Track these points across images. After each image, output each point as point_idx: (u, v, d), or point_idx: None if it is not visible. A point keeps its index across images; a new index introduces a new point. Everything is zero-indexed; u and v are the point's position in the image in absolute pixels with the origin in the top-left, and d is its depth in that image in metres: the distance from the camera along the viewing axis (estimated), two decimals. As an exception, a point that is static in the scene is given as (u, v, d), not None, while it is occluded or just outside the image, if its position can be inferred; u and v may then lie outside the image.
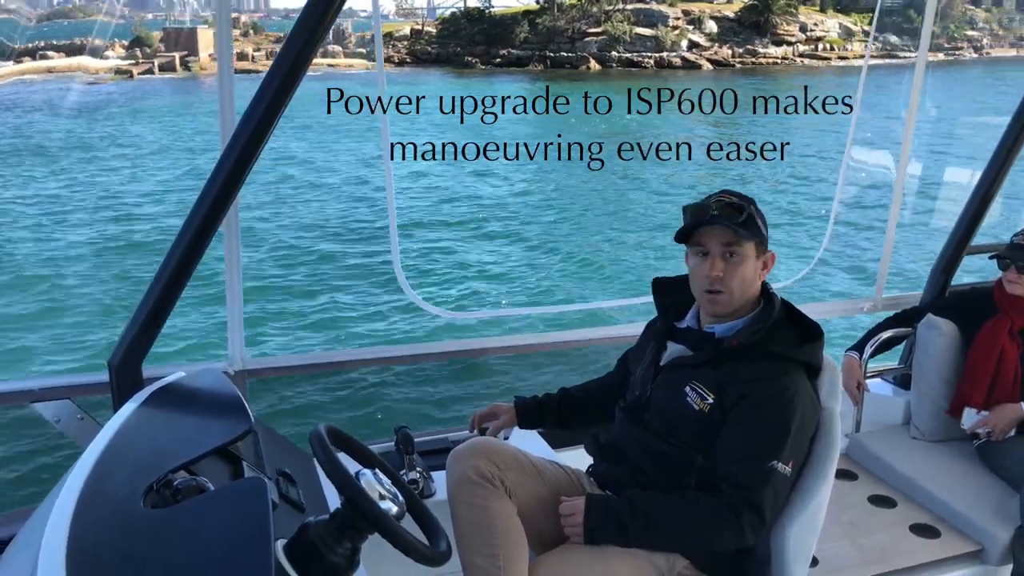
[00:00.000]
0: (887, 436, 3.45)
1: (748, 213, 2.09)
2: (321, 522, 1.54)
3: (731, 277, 2.11)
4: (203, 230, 2.24)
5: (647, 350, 2.34)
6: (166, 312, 2.35)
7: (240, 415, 1.85)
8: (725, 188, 2.21)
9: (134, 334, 2.35)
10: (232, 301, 2.91)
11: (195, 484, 1.56)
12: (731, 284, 2.12)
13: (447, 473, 2.16)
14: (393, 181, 3.18)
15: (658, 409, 2.19)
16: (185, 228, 2.25)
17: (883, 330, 3.50)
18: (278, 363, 3.21)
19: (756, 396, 2.05)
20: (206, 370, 2.25)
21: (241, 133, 2.16)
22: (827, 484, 2.15)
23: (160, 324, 2.36)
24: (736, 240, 2.09)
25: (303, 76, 2.15)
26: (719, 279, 2.11)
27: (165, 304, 2.32)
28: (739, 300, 2.15)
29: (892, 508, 3.08)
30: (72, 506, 1.47)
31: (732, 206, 2.10)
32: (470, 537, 2.05)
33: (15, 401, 2.86)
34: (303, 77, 2.15)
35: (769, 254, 2.17)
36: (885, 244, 4.20)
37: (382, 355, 3.51)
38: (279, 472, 1.90)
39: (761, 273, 2.16)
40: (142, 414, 1.89)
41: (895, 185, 4.16)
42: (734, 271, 2.11)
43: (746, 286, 2.14)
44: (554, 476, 2.29)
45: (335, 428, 1.77)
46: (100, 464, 1.62)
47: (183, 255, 2.26)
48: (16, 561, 1.60)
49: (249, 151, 2.17)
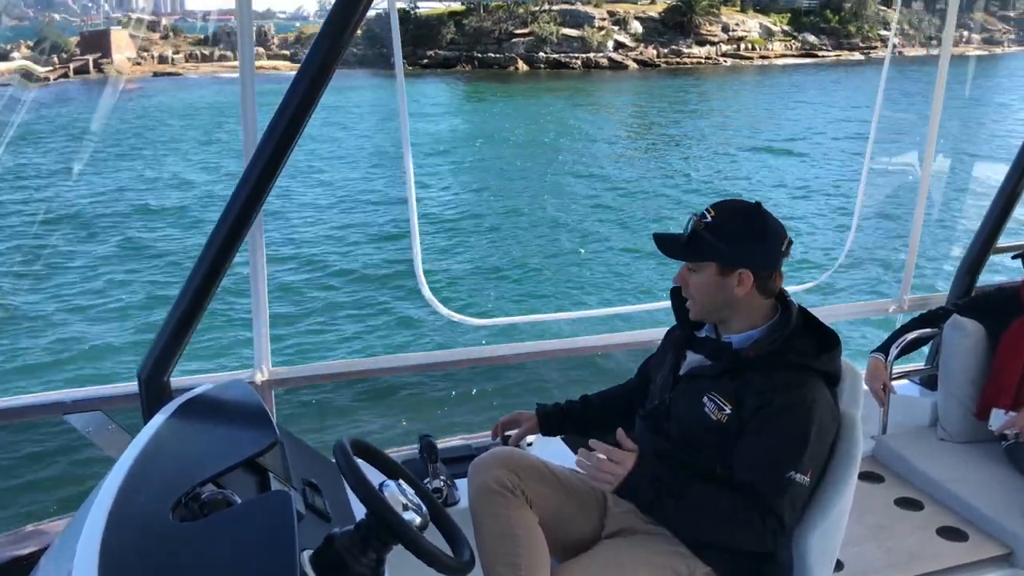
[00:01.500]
0: (914, 438, 3.42)
1: (695, 234, 2.12)
2: (346, 533, 1.56)
3: (693, 287, 2.17)
4: (229, 242, 2.27)
5: (667, 358, 2.34)
6: (193, 324, 2.39)
7: (266, 427, 1.88)
8: (719, 200, 2.21)
9: (162, 347, 2.40)
10: (257, 312, 2.95)
11: (222, 497, 1.58)
12: (692, 293, 2.18)
13: (468, 483, 2.18)
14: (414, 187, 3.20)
15: (676, 419, 2.20)
16: (211, 240, 2.28)
17: (909, 331, 3.47)
18: (303, 372, 3.24)
19: (774, 406, 2.04)
20: (233, 381, 2.27)
21: (266, 145, 2.17)
22: (849, 489, 2.14)
23: (187, 336, 2.40)
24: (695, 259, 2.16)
25: (327, 84, 2.16)
26: (684, 287, 2.20)
27: (192, 317, 2.36)
28: (710, 308, 2.18)
29: (919, 511, 3.05)
30: (104, 519, 1.50)
31: (690, 226, 2.14)
32: (492, 547, 2.06)
33: (49, 413, 2.91)
34: (327, 86, 2.17)
35: (741, 273, 2.11)
36: (910, 245, 4.17)
37: (407, 363, 3.53)
38: (305, 482, 1.92)
39: (736, 289, 2.12)
40: (170, 426, 1.92)
41: (920, 185, 4.13)
42: (694, 283, 2.17)
43: (710, 297, 2.15)
44: (576, 484, 2.30)
45: (359, 439, 1.79)
46: (130, 477, 1.65)
47: (209, 268, 2.29)
48: (52, 569, 1.63)
49: (274, 162, 2.19)
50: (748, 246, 2.11)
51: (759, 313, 2.17)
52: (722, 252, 2.10)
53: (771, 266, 2.13)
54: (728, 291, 2.13)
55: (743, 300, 2.14)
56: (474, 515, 2.13)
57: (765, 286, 2.14)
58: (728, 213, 2.14)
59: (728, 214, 2.14)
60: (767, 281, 2.13)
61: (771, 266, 2.13)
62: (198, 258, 2.31)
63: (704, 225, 2.12)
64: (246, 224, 2.28)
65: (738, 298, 2.13)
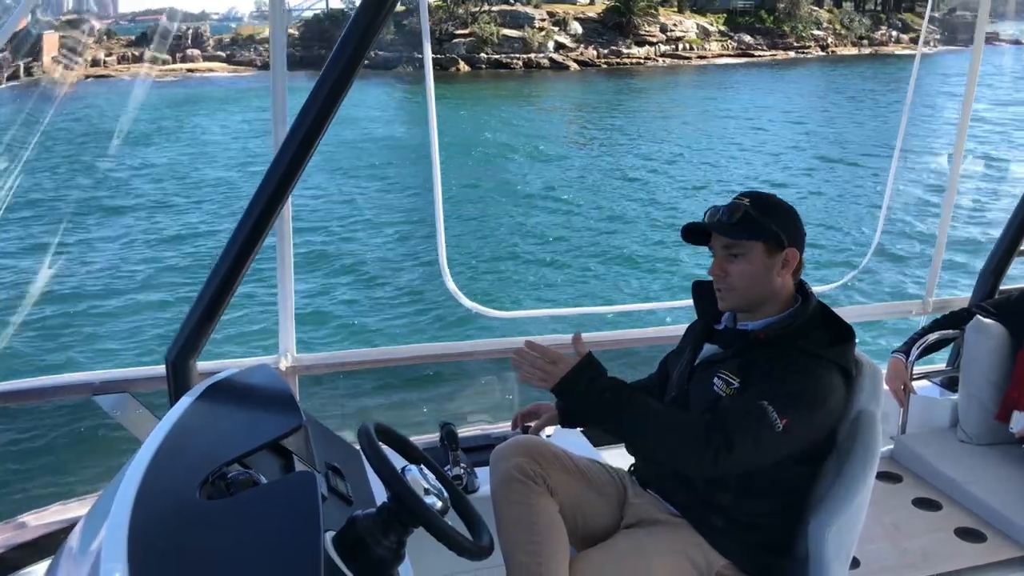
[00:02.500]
0: (933, 439, 3.41)
1: (744, 213, 2.11)
2: (368, 515, 1.59)
3: (734, 275, 2.14)
4: (256, 228, 2.31)
5: (685, 351, 2.36)
6: (220, 309, 2.43)
7: (291, 410, 1.91)
8: (749, 189, 2.22)
9: (189, 330, 2.44)
10: (283, 298, 2.99)
11: (248, 477, 1.62)
12: (733, 281, 2.15)
13: (490, 470, 2.21)
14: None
15: (693, 407, 2.21)
16: (240, 226, 2.32)
17: (930, 332, 3.46)
18: (327, 360, 3.29)
19: (781, 368, 2.04)
20: (259, 366, 2.31)
21: (294, 135, 2.22)
22: (867, 485, 2.15)
23: (215, 321, 2.45)
24: (734, 241, 2.13)
25: (354, 79, 2.20)
26: (722, 277, 2.16)
27: (219, 301, 2.41)
28: (749, 296, 2.16)
29: (937, 511, 3.05)
30: (133, 495, 1.54)
31: (732, 208, 2.14)
32: (512, 533, 2.09)
33: (78, 393, 2.97)
34: (354, 80, 2.21)
35: (788, 252, 2.13)
36: (936, 246, 4.15)
37: (429, 352, 3.57)
38: (328, 466, 1.95)
39: (781, 271, 2.14)
40: (197, 408, 1.95)
41: (948, 185, 4.10)
42: (736, 269, 2.14)
43: (754, 282, 2.14)
44: (596, 475, 2.32)
45: (382, 424, 1.82)
46: (158, 456, 1.69)
47: (237, 253, 2.34)
48: (81, 546, 1.67)
49: (302, 152, 2.23)
50: (793, 225, 2.15)
51: (783, 300, 2.19)
52: (773, 230, 2.12)
53: (803, 248, 2.18)
54: (771, 273, 2.13)
55: (779, 284, 2.16)
56: (495, 502, 2.15)
57: (799, 269, 2.19)
58: (759, 199, 2.16)
59: (763, 198, 2.16)
60: (801, 263, 2.19)
61: (803, 248, 2.18)
62: (226, 244, 2.35)
63: (748, 209, 2.12)
64: (274, 211, 2.32)
65: (778, 283, 2.15)
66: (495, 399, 3.96)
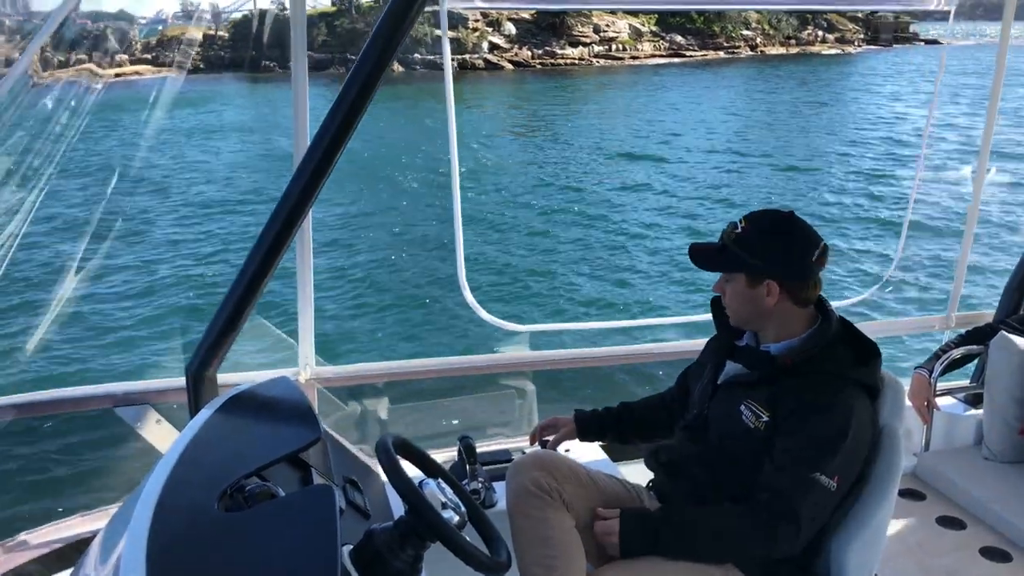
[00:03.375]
0: (957, 456, 3.37)
1: (723, 246, 2.18)
2: (386, 529, 1.58)
3: (728, 296, 2.22)
4: (278, 240, 2.31)
5: (706, 368, 2.35)
6: (241, 321, 2.44)
7: (310, 423, 1.92)
8: (749, 212, 2.22)
9: (210, 342, 2.45)
10: (303, 310, 3.00)
11: (266, 489, 1.62)
12: (728, 301, 2.23)
13: (507, 485, 2.20)
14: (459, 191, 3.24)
15: (716, 427, 2.20)
16: (261, 238, 2.33)
17: (954, 348, 3.43)
18: (347, 372, 3.29)
19: (808, 409, 2.04)
20: (278, 378, 2.32)
21: (317, 145, 2.21)
22: (888, 503, 2.13)
23: (235, 332, 2.46)
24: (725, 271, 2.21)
25: (378, 87, 2.18)
26: (722, 296, 2.24)
27: (240, 313, 2.42)
28: (742, 315, 2.22)
29: (961, 530, 3.01)
30: (152, 507, 1.54)
31: (724, 235, 2.20)
32: (528, 548, 2.08)
33: (99, 405, 2.99)
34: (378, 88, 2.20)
35: (768, 284, 2.12)
36: (959, 259, 4.11)
37: (448, 366, 3.57)
38: (346, 479, 1.95)
39: (767, 299, 2.14)
40: (217, 420, 1.96)
41: (973, 195, 4.06)
42: (729, 290, 2.21)
43: (744, 305, 2.19)
44: (613, 490, 2.31)
45: (401, 438, 1.82)
46: (177, 468, 1.69)
47: (258, 266, 2.35)
48: (102, 556, 1.68)
49: (324, 163, 2.22)
50: (774, 257, 2.12)
51: (796, 322, 2.18)
52: (748, 264, 2.13)
53: (799, 276, 2.13)
54: (759, 301, 2.14)
55: (775, 310, 2.15)
56: (511, 516, 2.15)
57: (796, 296, 2.14)
58: (757, 224, 2.17)
59: (757, 225, 2.16)
60: (798, 291, 2.14)
61: (799, 276, 2.13)
62: (247, 256, 2.36)
63: (735, 236, 2.16)
64: (296, 223, 2.33)
65: (769, 307, 2.15)
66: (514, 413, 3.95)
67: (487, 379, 3.76)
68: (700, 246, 2.25)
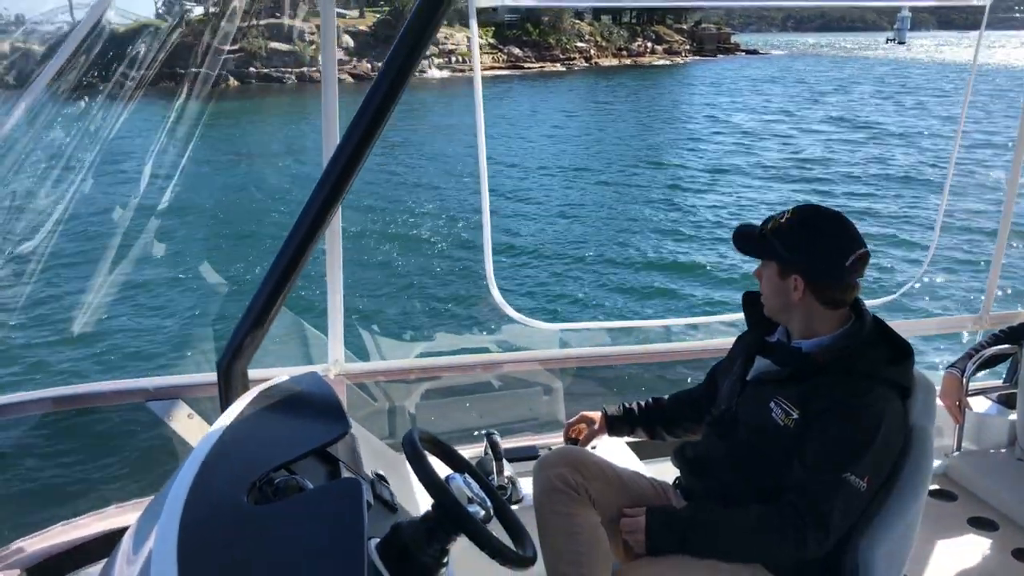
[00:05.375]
0: (990, 457, 3.33)
1: (761, 234, 2.17)
2: (412, 523, 1.59)
3: (762, 282, 2.22)
4: (308, 236, 2.33)
5: (736, 364, 2.34)
6: (271, 316, 2.46)
7: (338, 418, 1.93)
8: (798, 204, 2.21)
9: (241, 338, 2.48)
10: (333, 306, 3.03)
11: (294, 483, 1.63)
12: (762, 287, 2.24)
13: (533, 480, 2.21)
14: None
15: (744, 424, 2.19)
16: (292, 234, 2.35)
17: (986, 347, 3.38)
18: (376, 368, 3.32)
19: (839, 409, 2.02)
20: (308, 374, 2.34)
21: (347, 142, 2.22)
22: (918, 504, 2.10)
23: (265, 328, 2.48)
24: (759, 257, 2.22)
25: (406, 85, 2.20)
26: (758, 282, 2.24)
27: (270, 309, 2.44)
28: (771, 305, 2.22)
29: (993, 531, 2.97)
30: (183, 498, 1.57)
31: (766, 223, 2.20)
32: (555, 544, 2.09)
33: (132, 399, 3.03)
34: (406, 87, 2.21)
35: (794, 278, 2.12)
36: (994, 259, 4.05)
37: (475, 362, 3.59)
38: (374, 474, 1.97)
39: (793, 294, 2.12)
40: (247, 415, 1.98)
41: (1006, 195, 4.01)
42: (764, 279, 2.21)
43: (774, 295, 2.18)
44: (639, 487, 2.31)
45: (427, 433, 1.84)
46: (207, 462, 1.71)
47: (288, 262, 2.37)
48: (134, 547, 1.71)
49: (354, 160, 2.23)
50: (803, 252, 2.11)
51: (821, 322, 2.15)
52: (780, 255, 2.13)
53: (825, 276, 2.10)
54: (786, 294, 2.14)
55: (800, 305, 2.14)
56: (538, 512, 2.15)
57: (823, 296, 2.12)
58: (800, 217, 2.15)
59: (799, 219, 2.14)
60: (825, 291, 2.11)
61: (825, 276, 2.10)
62: (278, 252, 2.39)
63: (775, 226, 2.15)
64: (324, 221, 2.34)
65: (795, 302, 2.14)
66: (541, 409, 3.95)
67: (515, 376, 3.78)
68: (744, 229, 2.24)
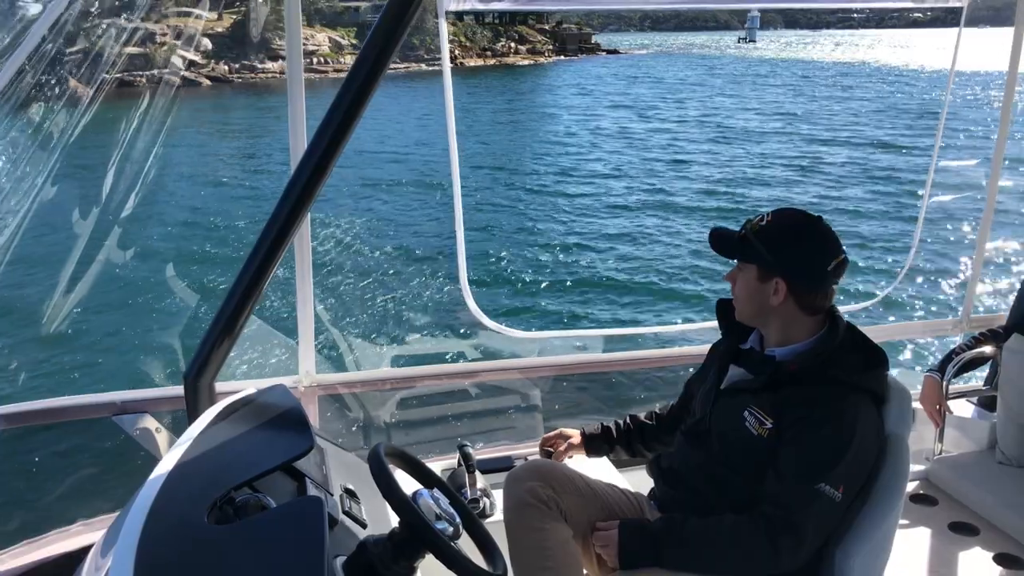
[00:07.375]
0: (970, 461, 3.31)
1: (742, 236, 2.13)
2: (379, 541, 1.56)
3: (737, 286, 2.18)
4: (275, 244, 2.27)
5: (710, 373, 2.30)
6: (238, 328, 2.41)
7: (303, 433, 1.88)
8: (777, 207, 2.18)
9: (207, 350, 2.42)
10: (303, 316, 2.97)
11: (256, 501, 1.59)
12: (736, 291, 2.19)
13: (504, 495, 2.17)
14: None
15: (718, 434, 2.16)
16: (258, 244, 2.29)
17: (967, 350, 3.37)
18: (346, 379, 3.26)
19: (813, 418, 1.99)
20: (275, 386, 2.29)
21: (314, 149, 2.16)
22: (895, 512, 2.07)
23: (233, 340, 2.42)
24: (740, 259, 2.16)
25: (376, 88, 2.14)
26: (732, 285, 2.20)
27: (237, 320, 2.38)
28: (746, 309, 2.18)
29: (974, 536, 2.95)
30: (142, 519, 1.52)
31: (745, 224, 2.16)
32: (525, 559, 2.05)
33: (99, 413, 2.97)
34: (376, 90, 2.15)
35: (776, 282, 2.08)
36: (974, 261, 4.05)
37: (449, 372, 3.54)
38: (344, 488, 1.92)
39: (772, 298, 2.09)
40: (212, 429, 1.94)
41: (987, 198, 4.01)
42: (739, 282, 2.17)
43: (750, 299, 2.14)
44: (613, 499, 2.27)
45: (395, 447, 1.79)
46: (170, 479, 1.67)
47: (255, 273, 2.31)
48: (93, 568, 1.66)
49: (322, 167, 2.17)
50: (788, 256, 2.08)
51: (800, 328, 2.13)
52: (763, 258, 2.09)
53: (808, 280, 2.08)
54: (765, 298, 2.10)
55: (779, 310, 2.10)
56: (508, 527, 2.11)
57: (803, 301, 2.09)
58: (781, 220, 2.12)
59: (780, 221, 2.12)
60: (806, 296, 2.09)
61: (808, 280, 2.08)
62: (244, 262, 2.33)
63: (757, 228, 2.11)
64: (292, 228, 2.28)
65: (774, 307, 2.10)
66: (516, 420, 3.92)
67: (491, 385, 3.74)
68: (722, 231, 2.20)
